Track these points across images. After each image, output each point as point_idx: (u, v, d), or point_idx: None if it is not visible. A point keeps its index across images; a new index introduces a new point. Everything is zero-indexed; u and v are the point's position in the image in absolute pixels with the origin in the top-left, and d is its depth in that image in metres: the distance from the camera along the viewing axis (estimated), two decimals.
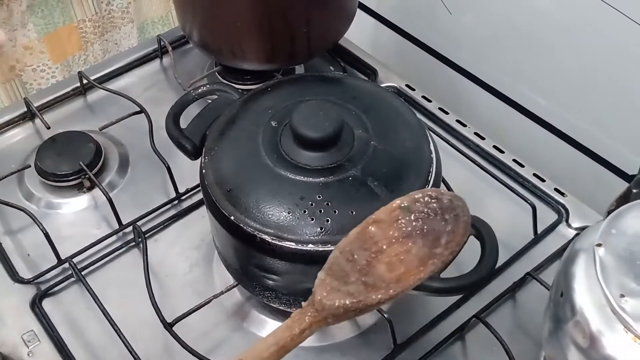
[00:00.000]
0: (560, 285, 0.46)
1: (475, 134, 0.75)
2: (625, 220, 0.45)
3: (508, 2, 0.77)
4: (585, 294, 0.44)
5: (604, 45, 0.69)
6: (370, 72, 0.82)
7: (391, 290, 0.42)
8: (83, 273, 0.63)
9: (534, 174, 0.71)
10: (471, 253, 0.51)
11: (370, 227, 0.45)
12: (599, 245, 0.44)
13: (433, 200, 0.45)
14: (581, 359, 0.44)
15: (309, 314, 0.43)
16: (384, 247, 0.44)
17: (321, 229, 0.49)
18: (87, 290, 0.60)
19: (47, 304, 0.62)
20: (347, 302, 0.42)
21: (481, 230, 0.51)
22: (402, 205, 0.45)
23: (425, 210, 0.45)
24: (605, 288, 0.42)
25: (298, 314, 0.43)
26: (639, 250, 0.43)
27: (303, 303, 0.44)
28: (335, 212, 0.49)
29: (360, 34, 0.85)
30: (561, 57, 0.74)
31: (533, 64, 0.78)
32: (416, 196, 0.45)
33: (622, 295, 0.41)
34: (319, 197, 0.49)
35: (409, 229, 0.44)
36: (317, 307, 0.42)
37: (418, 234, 0.44)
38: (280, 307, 0.56)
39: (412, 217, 0.44)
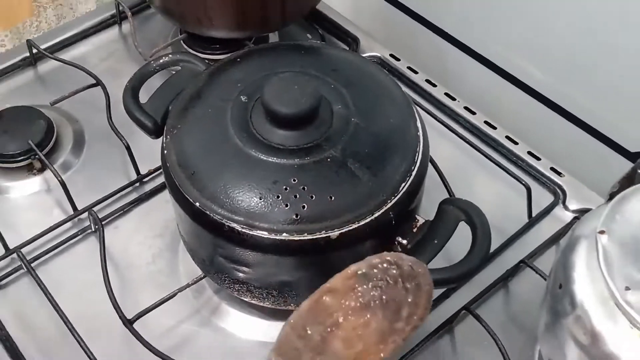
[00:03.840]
0: (559, 276, 0.46)
1: (465, 108, 0.74)
2: (631, 205, 0.44)
3: None
4: (586, 286, 0.43)
5: (605, 11, 0.68)
6: (351, 41, 0.81)
7: None
8: (33, 265, 0.61)
9: (529, 152, 0.70)
10: (461, 239, 0.50)
11: (324, 297, 0.44)
12: (602, 232, 0.43)
13: (392, 267, 0.44)
14: (581, 356, 0.43)
15: None
16: (340, 319, 0.43)
17: (296, 216, 0.48)
18: (38, 283, 0.59)
19: None
20: None
21: (472, 216, 0.50)
22: (359, 272, 0.44)
23: (385, 277, 0.44)
24: (609, 280, 0.41)
25: None
26: None
27: None
28: (312, 197, 0.48)
29: None
30: (559, 24, 0.73)
31: (528, 31, 0.76)
32: (374, 261, 0.44)
33: (627, 288, 0.41)
34: (294, 180, 0.48)
35: (367, 298, 0.43)
36: None
37: (377, 305, 0.43)
38: (253, 301, 0.55)
39: (370, 285, 0.44)
